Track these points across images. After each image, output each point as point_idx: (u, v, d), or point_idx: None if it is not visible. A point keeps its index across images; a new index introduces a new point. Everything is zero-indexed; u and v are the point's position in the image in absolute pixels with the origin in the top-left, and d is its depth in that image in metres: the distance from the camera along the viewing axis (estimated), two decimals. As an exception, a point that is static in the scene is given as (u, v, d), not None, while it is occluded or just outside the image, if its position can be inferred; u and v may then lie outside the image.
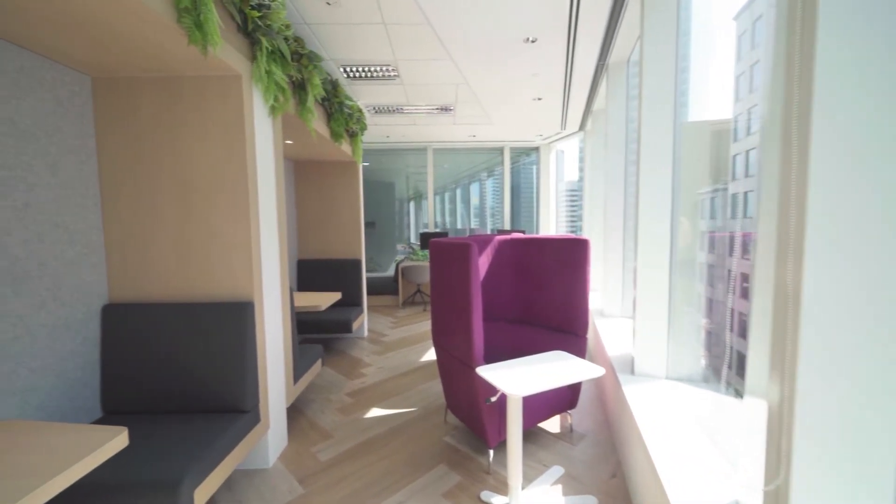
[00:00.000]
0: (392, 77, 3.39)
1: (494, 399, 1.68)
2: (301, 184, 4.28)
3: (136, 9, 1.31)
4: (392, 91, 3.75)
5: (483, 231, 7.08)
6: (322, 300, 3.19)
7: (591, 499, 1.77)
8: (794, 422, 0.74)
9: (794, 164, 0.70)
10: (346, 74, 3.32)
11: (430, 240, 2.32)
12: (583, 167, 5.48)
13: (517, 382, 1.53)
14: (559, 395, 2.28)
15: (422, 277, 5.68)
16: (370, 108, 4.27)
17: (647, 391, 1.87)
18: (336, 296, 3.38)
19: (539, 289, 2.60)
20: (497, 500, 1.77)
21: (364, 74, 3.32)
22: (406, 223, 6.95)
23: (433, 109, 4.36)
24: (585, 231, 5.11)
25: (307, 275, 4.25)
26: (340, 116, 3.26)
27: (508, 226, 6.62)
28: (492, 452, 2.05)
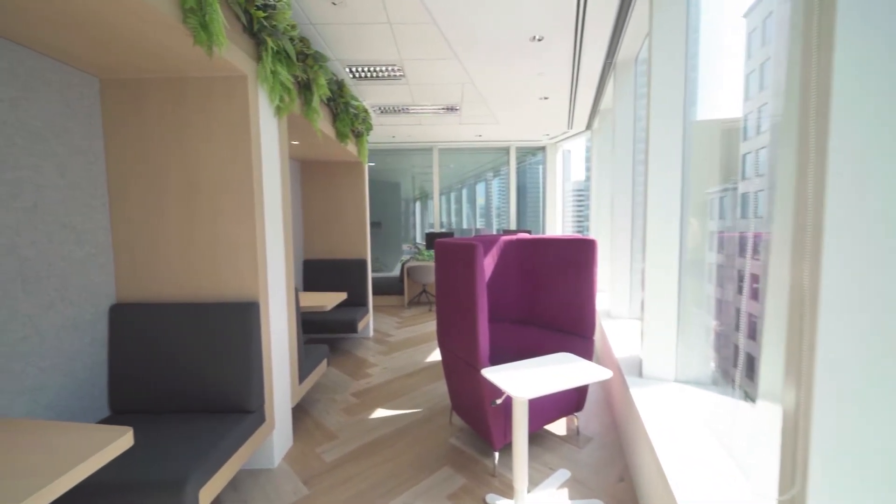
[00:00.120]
0: (398, 77, 3.38)
1: (500, 401, 1.66)
2: (307, 184, 4.30)
3: (142, 9, 1.31)
4: (398, 91, 3.75)
5: (489, 231, 7.05)
6: (328, 300, 3.20)
7: (598, 503, 1.74)
8: (811, 429, 0.71)
9: (812, 162, 0.68)
10: (352, 74, 3.32)
11: (436, 240, 2.31)
12: (590, 167, 5.44)
13: (523, 385, 1.52)
14: (565, 398, 2.25)
15: (427, 277, 5.67)
16: (376, 109, 4.27)
17: (656, 394, 1.84)
18: (342, 296, 3.38)
19: (545, 289, 2.58)
20: (502, 504, 1.76)
21: (370, 74, 3.32)
22: (412, 223, 6.95)
23: (439, 109, 4.35)
24: (592, 231, 5.07)
25: (313, 275, 4.26)
26: (346, 117, 3.26)
27: (514, 226, 6.59)
28: (497, 455, 2.04)
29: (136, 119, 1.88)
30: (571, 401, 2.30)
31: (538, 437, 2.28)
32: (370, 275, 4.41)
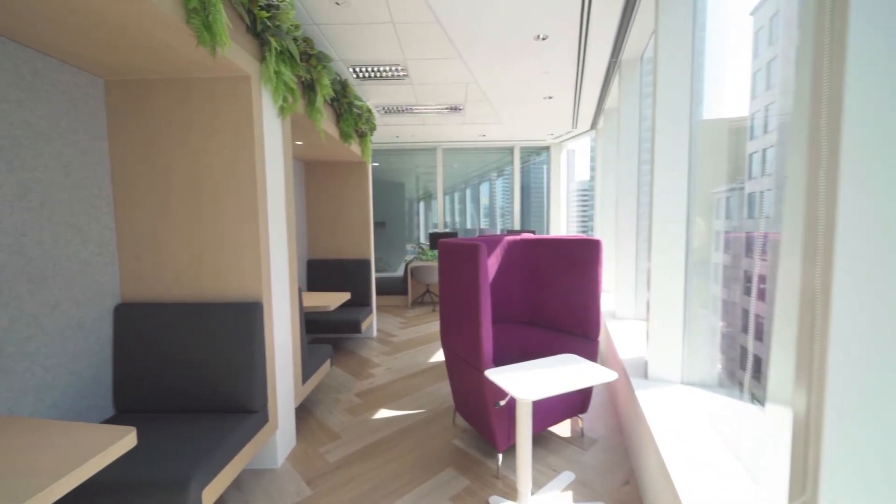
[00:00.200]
0: (401, 77, 3.38)
1: (503, 403, 1.65)
2: (311, 184, 4.30)
3: (146, 9, 1.31)
4: (401, 91, 3.74)
5: (493, 231, 7.03)
6: (331, 300, 3.20)
7: (603, 506, 1.73)
8: (823, 434, 0.70)
9: (823, 161, 0.66)
10: (356, 75, 3.31)
11: (439, 240, 2.30)
12: (594, 166, 5.40)
13: (527, 386, 1.50)
14: (570, 399, 2.24)
15: (431, 278, 5.66)
16: (379, 109, 4.27)
17: (661, 396, 1.82)
18: (345, 296, 3.38)
19: (549, 290, 2.56)
20: (506, 506, 1.74)
21: (373, 74, 3.32)
22: (415, 223, 6.94)
23: (443, 109, 4.34)
24: (597, 231, 5.03)
25: (317, 275, 4.27)
26: (350, 117, 3.26)
27: (518, 226, 6.56)
28: (501, 456, 2.02)
29: (141, 119, 1.88)
30: (576, 402, 2.28)
31: (542, 439, 2.26)
32: (374, 275, 4.41)
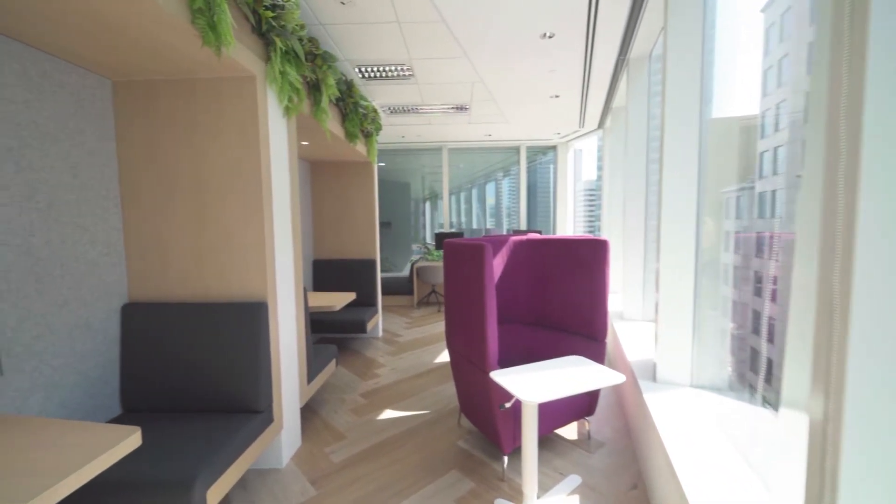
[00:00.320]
0: (407, 77, 3.37)
1: (509, 405, 1.63)
2: (316, 184, 4.31)
3: (151, 10, 1.31)
4: (407, 91, 3.73)
5: (499, 231, 7.00)
6: (337, 300, 3.20)
7: (610, 510, 1.70)
8: (842, 441, 0.67)
9: (843, 157, 0.63)
10: (361, 75, 3.31)
11: (444, 240, 2.28)
12: (601, 166, 5.36)
13: (533, 388, 1.48)
14: (576, 402, 2.21)
15: (436, 278, 5.65)
16: (385, 109, 4.27)
17: (671, 399, 1.79)
18: (351, 296, 3.38)
19: (556, 291, 2.54)
20: (511, 509, 1.72)
21: (379, 74, 3.31)
22: (421, 223, 6.94)
23: (448, 109, 4.32)
24: (604, 231, 4.99)
25: (322, 275, 4.28)
26: (355, 117, 3.26)
27: (525, 226, 6.53)
28: (506, 459, 2.00)
29: (148, 120, 1.89)
30: (583, 405, 2.25)
31: (548, 441, 2.24)
32: (379, 275, 4.41)
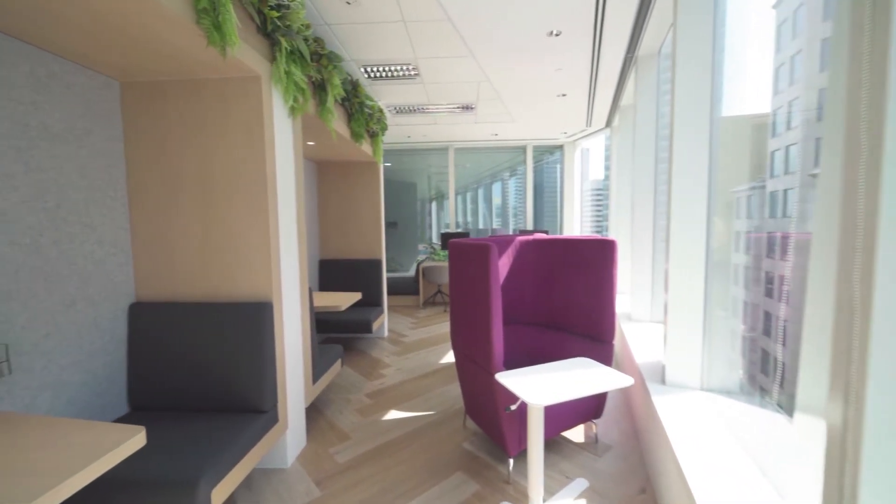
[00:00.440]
0: (413, 76, 3.36)
1: (514, 407, 1.61)
2: (322, 184, 4.33)
3: (155, 9, 1.31)
4: (413, 90, 3.72)
5: (505, 231, 6.97)
6: (342, 300, 3.20)
7: (618, 515, 1.67)
8: (862, 448, 0.64)
9: (864, 155, 0.61)
10: (367, 74, 3.31)
11: (449, 240, 2.27)
12: (609, 165, 5.30)
13: (539, 391, 1.46)
14: (583, 404, 2.18)
15: (442, 278, 5.64)
16: (391, 108, 4.26)
17: (680, 402, 1.76)
18: (356, 296, 3.38)
19: (562, 291, 2.51)
20: (517, 512, 1.70)
21: (384, 74, 3.31)
22: (427, 223, 6.93)
23: (454, 108, 4.31)
24: (612, 231, 4.94)
25: (328, 275, 4.29)
26: (361, 117, 3.25)
27: (531, 226, 6.49)
28: (512, 461, 1.98)
29: (154, 121, 1.90)
30: (590, 407, 2.22)
31: (555, 444, 2.22)
32: (385, 275, 4.40)
